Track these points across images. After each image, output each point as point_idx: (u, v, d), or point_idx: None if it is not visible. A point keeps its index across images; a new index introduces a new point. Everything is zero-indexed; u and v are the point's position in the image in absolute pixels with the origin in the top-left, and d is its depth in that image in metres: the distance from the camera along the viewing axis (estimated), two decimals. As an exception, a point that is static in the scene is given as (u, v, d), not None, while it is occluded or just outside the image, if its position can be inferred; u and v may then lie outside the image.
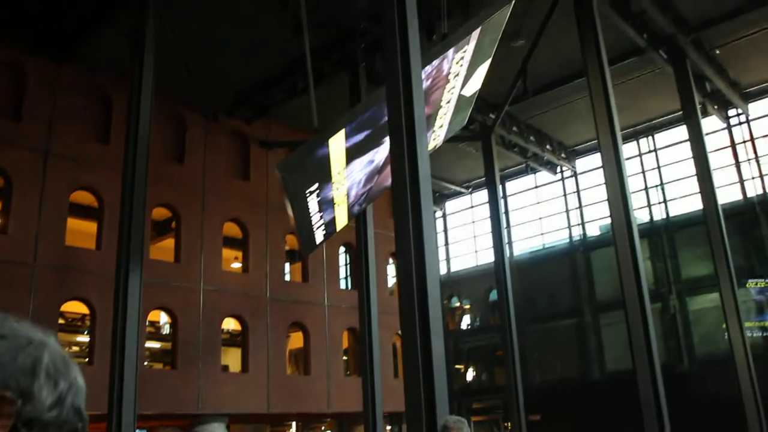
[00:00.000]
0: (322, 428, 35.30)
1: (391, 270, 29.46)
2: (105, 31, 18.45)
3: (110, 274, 14.60)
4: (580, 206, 30.72)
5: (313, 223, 12.66)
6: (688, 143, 21.11)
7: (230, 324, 24.49)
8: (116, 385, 13.28)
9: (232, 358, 24.72)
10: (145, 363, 22.20)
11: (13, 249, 18.41)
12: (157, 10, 14.95)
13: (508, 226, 32.56)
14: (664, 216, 27.81)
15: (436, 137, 14.93)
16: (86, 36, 18.99)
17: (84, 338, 21.69)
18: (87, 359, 19.78)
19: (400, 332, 25.57)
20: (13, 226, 18.81)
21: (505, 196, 32.78)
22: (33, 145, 19.32)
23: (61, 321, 20.29)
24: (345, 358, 26.81)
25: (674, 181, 28.03)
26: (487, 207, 25.94)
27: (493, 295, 30.87)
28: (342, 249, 27.92)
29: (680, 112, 21.76)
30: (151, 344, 23.73)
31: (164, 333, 24.33)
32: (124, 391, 13.19)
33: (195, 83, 19.69)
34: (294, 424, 30.53)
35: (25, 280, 18.28)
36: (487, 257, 32.18)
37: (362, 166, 12.00)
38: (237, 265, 25.58)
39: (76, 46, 19.49)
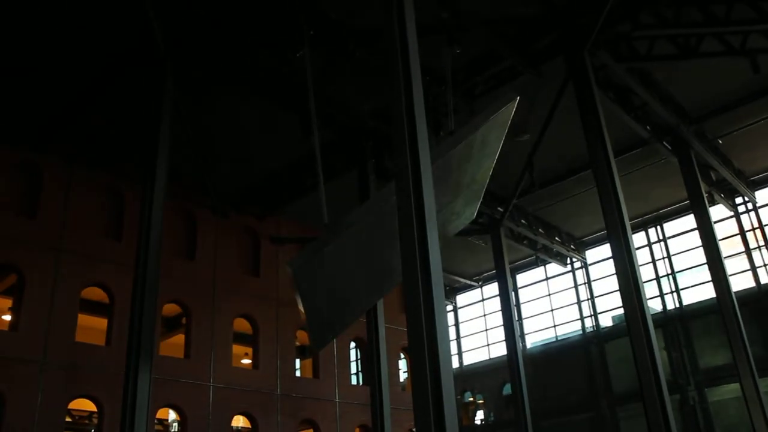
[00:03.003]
0: None
1: (402, 365, 29.10)
2: (118, 130, 19.01)
3: (119, 370, 14.47)
4: (592, 297, 30.54)
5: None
6: (697, 231, 21.11)
7: (240, 421, 24.03)
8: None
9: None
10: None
11: (22, 346, 18.32)
12: (169, 113, 15.36)
13: (520, 318, 32.34)
14: (677, 305, 27.57)
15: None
16: (99, 135, 19.53)
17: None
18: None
19: (412, 429, 25.04)
20: (24, 322, 18.78)
21: (515, 289, 32.68)
22: (46, 242, 19.54)
23: (68, 419, 19.96)
24: (357, 456, 26.14)
25: (685, 269, 27.94)
26: (498, 300, 25.82)
27: (507, 389, 30.34)
28: (353, 344, 27.67)
29: (687, 201, 21.91)
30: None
31: (173, 431, 23.87)
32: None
33: (205, 180, 20.09)
34: None
35: (33, 378, 18.12)
36: (500, 350, 31.84)
37: (373, 261, 12.04)
38: (247, 361, 25.32)
39: (89, 145, 20.02)
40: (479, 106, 16.53)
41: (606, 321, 30.05)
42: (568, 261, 30.84)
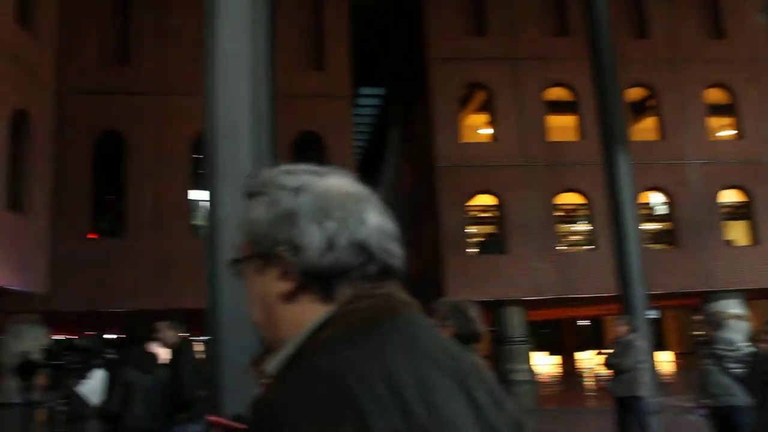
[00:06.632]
0: None
1: None
2: None
3: (597, 161, 14.83)
4: None
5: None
6: None
7: (729, 196, 22.82)
8: (622, 268, 13.56)
9: (736, 232, 23.11)
10: (644, 245, 22.16)
11: (505, 154, 20.12)
12: None
13: None
14: None
15: None
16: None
17: (584, 227, 22.52)
18: (593, 246, 20.56)
19: None
20: (501, 133, 20.54)
21: None
22: (502, 53, 20.55)
23: (557, 213, 21.41)
24: None
25: None
26: None
27: None
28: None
29: None
30: (646, 226, 23.53)
31: (658, 214, 23.84)
32: (630, 272, 13.40)
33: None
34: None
35: (520, 179, 19.82)
36: None
37: None
38: (726, 133, 23.60)
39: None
40: None
41: None
42: None
